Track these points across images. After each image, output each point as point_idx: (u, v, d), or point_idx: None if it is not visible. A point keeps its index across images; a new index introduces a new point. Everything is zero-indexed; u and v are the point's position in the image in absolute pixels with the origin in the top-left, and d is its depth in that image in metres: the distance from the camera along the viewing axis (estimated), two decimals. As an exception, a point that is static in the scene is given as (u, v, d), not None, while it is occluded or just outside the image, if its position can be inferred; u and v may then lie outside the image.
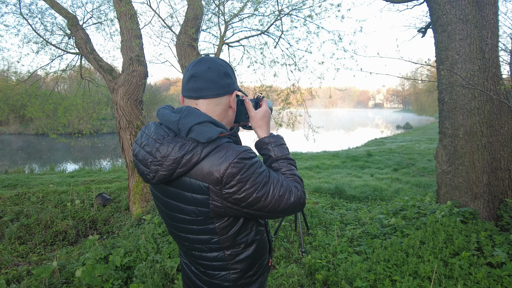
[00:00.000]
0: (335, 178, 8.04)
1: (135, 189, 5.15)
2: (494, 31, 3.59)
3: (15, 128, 26.27)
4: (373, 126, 41.33)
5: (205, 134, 0.89)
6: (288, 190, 0.98)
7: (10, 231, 4.57)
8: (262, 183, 0.92)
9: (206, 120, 0.92)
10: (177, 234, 1.06)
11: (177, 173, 0.90)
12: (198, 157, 0.88)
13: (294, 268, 3.08)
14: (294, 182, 1.04)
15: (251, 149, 0.96)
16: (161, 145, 0.90)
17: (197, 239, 1.01)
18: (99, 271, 2.82)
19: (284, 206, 0.97)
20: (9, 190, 7.25)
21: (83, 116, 7.80)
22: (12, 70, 8.33)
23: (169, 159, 0.88)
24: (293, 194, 0.99)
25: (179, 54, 5.05)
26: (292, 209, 0.99)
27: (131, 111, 5.23)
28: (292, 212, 1.01)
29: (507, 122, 3.56)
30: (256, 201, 0.92)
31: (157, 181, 0.93)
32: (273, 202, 0.94)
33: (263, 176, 0.93)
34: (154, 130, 0.95)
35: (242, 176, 0.88)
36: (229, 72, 1.04)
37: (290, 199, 0.97)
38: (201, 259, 1.05)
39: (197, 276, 1.10)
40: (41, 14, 6.26)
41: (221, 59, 1.06)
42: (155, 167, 0.90)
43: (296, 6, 5.07)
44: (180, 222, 1.00)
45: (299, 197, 1.00)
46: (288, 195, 0.97)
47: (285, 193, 0.97)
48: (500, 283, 2.35)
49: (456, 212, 3.33)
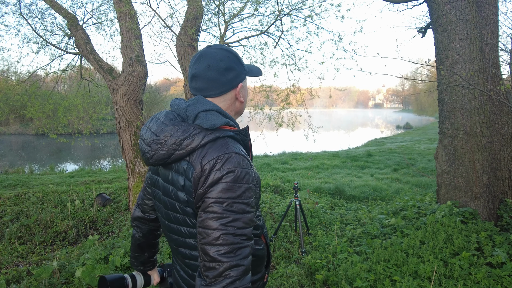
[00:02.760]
0: (335, 178, 8.04)
1: (135, 189, 5.15)
2: (494, 31, 3.59)
3: (15, 128, 26.26)
4: (373, 126, 41.33)
5: (209, 121, 0.90)
6: (241, 250, 0.83)
7: (10, 231, 4.56)
8: (236, 200, 0.84)
9: (212, 108, 0.94)
10: (169, 226, 1.03)
11: (176, 155, 0.91)
12: (197, 143, 0.89)
13: (294, 268, 3.08)
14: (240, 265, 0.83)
15: (250, 161, 0.92)
16: (166, 126, 0.92)
17: (189, 232, 0.97)
18: (99, 271, 2.82)
19: (215, 249, 0.81)
20: (9, 190, 7.25)
21: (83, 116, 7.79)
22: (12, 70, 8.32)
23: (170, 139, 0.90)
24: (237, 259, 0.82)
25: (179, 54, 5.05)
26: (208, 268, 0.82)
27: (131, 111, 5.23)
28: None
29: (507, 122, 3.55)
30: (210, 211, 0.83)
31: (155, 161, 0.94)
32: (218, 231, 0.81)
33: (244, 196, 0.85)
34: (165, 114, 0.98)
35: (221, 176, 0.84)
36: (231, 65, 1.00)
37: (232, 255, 0.81)
38: (189, 258, 1.00)
39: (185, 281, 1.05)
40: (41, 14, 6.26)
41: (223, 49, 1.01)
42: (156, 145, 0.92)
43: (296, 6, 5.07)
44: (175, 210, 0.98)
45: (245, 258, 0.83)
46: (234, 252, 0.81)
47: (235, 245, 0.82)
48: (500, 283, 2.35)
49: (456, 212, 3.33)
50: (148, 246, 1.26)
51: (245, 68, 1.06)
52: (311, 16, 5.02)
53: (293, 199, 3.86)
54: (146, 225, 1.24)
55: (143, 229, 1.24)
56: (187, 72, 5.11)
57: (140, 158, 5.23)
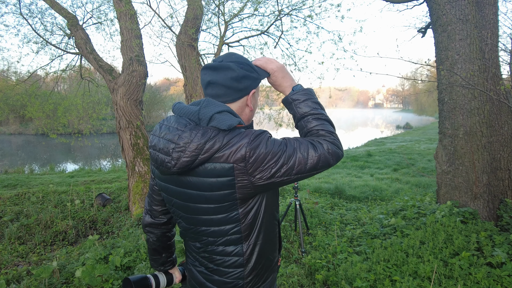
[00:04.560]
0: (335, 178, 8.04)
1: (135, 189, 5.15)
2: (494, 31, 3.59)
3: (15, 128, 26.27)
4: (373, 126, 41.33)
5: (225, 122, 0.91)
6: (311, 146, 0.98)
7: (10, 231, 4.57)
8: (281, 150, 0.94)
9: (225, 109, 0.96)
10: (194, 229, 1.05)
11: (199, 159, 0.91)
12: (220, 144, 0.90)
13: (294, 268, 3.08)
14: (320, 137, 1.03)
15: (269, 132, 1.00)
16: (183, 132, 0.92)
17: (216, 231, 1.01)
18: (99, 271, 2.82)
19: (312, 163, 0.96)
20: (9, 190, 7.25)
21: (83, 116, 7.80)
22: (12, 70, 8.34)
23: (192, 145, 0.90)
24: (318, 149, 0.98)
25: (179, 54, 5.05)
26: (323, 162, 0.98)
27: (131, 111, 5.23)
28: (324, 166, 0.99)
29: (507, 122, 3.56)
30: (280, 167, 0.93)
31: (179, 169, 0.93)
32: (297, 162, 0.95)
33: (282, 144, 0.96)
34: (175, 120, 0.97)
35: (261, 149, 0.91)
36: (246, 73, 1.04)
37: (314, 154, 0.97)
38: (217, 254, 1.04)
39: (206, 276, 1.08)
40: (41, 14, 6.27)
41: (237, 59, 1.05)
42: (178, 153, 0.91)
43: (296, 6, 5.07)
44: (200, 213, 1.00)
45: (326, 150, 0.99)
46: (311, 153, 0.97)
47: (307, 150, 0.97)
48: (500, 283, 2.35)
49: (456, 212, 3.33)
50: (163, 248, 1.29)
51: (259, 75, 1.09)
52: (311, 16, 5.02)
53: (293, 199, 3.86)
54: (158, 229, 1.26)
55: (156, 233, 1.26)
56: (187, 72, 5.13)
57: (140, 158, 5.23)
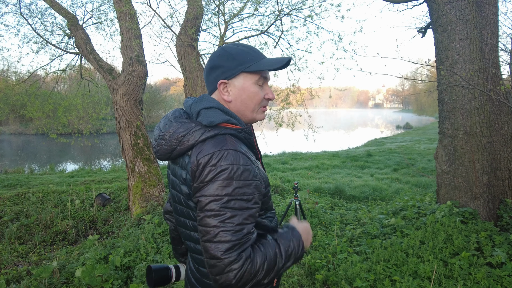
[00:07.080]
0: (335, 178, 8.04)
1: (135, 189, 5.15)
2: (494, 31, 3.59)
3: (15, 128, 26.26)
4: (373, 126, 41.33)
5: (208, 118, 0.93)
6: (241, 246, 0.82)
7: (10, 231, 4.56)
8: (233, 197, 0.83)
9: (214, 106, 0.97)
10: (178, 219, 1.06)
11: (177, 150, 0.95)
12: (196, 139, 0.91)
13: (294, 268, 3.08)
14: (261, 251, 0.86)
15: (250, 159, 0.90)
16: (171, 123, 0.97)
17: (192, 225, 0.99)
18: (99, 271, 2.82)
19: (214, 246, 0.81)
20: (9, 190, 7.25)
21: (83, 116, 7.80)
22: (12, 70, 8.34)
23: (173, 135, 0.94)
24: (237, 252, 0.81)
25: (179, 54, 5.05)
26: (210, 265, 0.82)
27: (131, 111, 5.23)
28: (213, 267, 0.82)
29: (507, 122, 3.56)
30: (208, 209, 0.84)
31: (160, 155, 0.99)
32: (216, 228, 0.81)
33: (242, 193, 0.84)
34: (173, 112, 1.04)
35: (217, 173, 0.83)
36: (216, 64, 1.00)
37: (227, 249, 0.81)
38: (194, 252, 1.03)
39: (192, 273, 1.08)
40: (41, 14, 6.26)
41: (219, 49, 1.02)
42: (161, 141, 0.97)
43: (296, 6, 5.07)
44: (180, 203, 1.01)
45: (243, 262, 0.80)
46: (233, 249, 0.81)
47: (234, 242, 0.81)
48: (500, 283, 2.35)
49: (456, 212, 3.33)
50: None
51: (240, 64, 0.98)
52: (311, 16, 5.02)
53: (293, 199, 3.86)
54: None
55: (174, 222, 1.28)
56: (187, 72, 5.13)
57: (140, 158, 5.23)
